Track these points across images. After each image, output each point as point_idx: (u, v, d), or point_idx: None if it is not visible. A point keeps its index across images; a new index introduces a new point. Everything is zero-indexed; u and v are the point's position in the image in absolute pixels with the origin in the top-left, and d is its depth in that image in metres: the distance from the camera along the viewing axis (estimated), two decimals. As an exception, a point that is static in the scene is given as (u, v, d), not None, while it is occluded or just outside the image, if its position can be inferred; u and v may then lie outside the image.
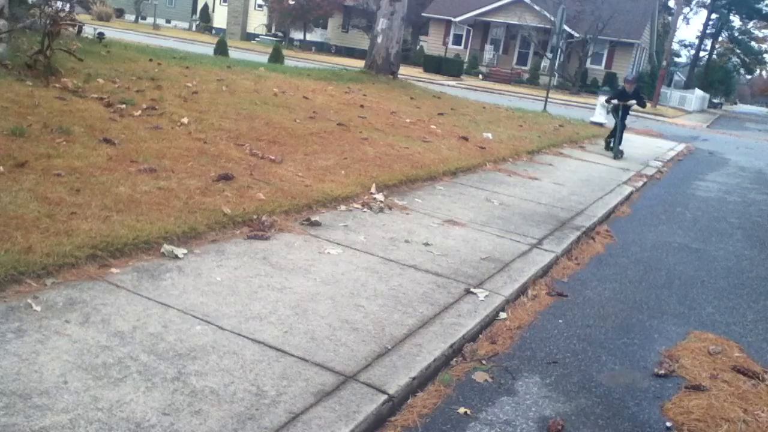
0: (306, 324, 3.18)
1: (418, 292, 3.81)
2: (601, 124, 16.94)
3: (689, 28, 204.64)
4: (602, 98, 17.51)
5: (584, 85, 36.57)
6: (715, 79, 55.68)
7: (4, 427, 2.12)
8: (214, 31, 47.55)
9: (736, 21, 60.63)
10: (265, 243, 4.21)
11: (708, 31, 59.08)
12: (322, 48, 45.22)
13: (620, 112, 11.45)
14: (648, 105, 17.84)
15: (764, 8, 55.99)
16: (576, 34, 35.51)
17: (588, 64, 38.15)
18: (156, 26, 44.78)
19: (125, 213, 4.03)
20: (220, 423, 2.33)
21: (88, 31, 11.37)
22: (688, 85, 50.34)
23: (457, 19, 40.44)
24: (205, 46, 27.42)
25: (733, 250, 6.35)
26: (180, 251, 3.76)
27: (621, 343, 3.78)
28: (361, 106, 11.35)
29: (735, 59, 64.23)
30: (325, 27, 46.83)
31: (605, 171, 9.78)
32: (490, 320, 3.74)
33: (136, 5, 50.03)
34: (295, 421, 2.41)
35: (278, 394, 2.56)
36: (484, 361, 3.30)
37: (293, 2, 40.95)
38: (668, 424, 2.94)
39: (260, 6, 47.23)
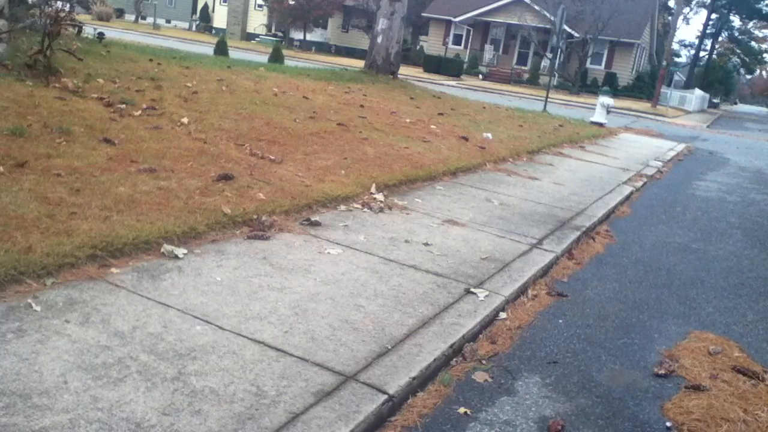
0: (306, 324, 3.18)
1: (418, 292, 3.81)
2: (601, 124, 16.95)
3: (689, 28, 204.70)
4: (603, 98, 17.51)
5: (584, 85, 36.58)
6: (715, 79, 55.64)
7: (4, 427, 2.12)
8: (214, 31, 47.56)
9: (736, 21, 60.72)
10: (265, 243, 4.21)
11: (708, 31, 59.07)
12: (322, 48, 45.21)
13: None
14: (648, 105, 17.78)
15: (764, 8, 56.03)
16: (576, 34, 35.51)
17: (588, 64, 38.18)
18: (156, 26, 44.77)
19: (125, 213, 4.03)
20: (220, 423, 2.33)
21: (88, 31, 11.36)
22: (688, 85, 50.30)
23: (457, 19, 40.45)
24: (205, 46, 27.42)
25: (733, 250, 6.34)
26: (180, 251, 3.76)
27: (621, 343, 3.78)
28: (361, 106, 11.35)
29: (735, 59, 64.22)
30: (325, 27, 46.84)
31: (605, 171, 9.78)
32: (490, 320, 3.74)
33: (136, 5, 50.03)
34: (295, 421, 2.41)
35: (278, 394, 2.56)
36: (484, 361, 3.30)
37: (293, 2, 40.97)
38: (668, 424, 2.94)
39: (260, 6, 47.25)
